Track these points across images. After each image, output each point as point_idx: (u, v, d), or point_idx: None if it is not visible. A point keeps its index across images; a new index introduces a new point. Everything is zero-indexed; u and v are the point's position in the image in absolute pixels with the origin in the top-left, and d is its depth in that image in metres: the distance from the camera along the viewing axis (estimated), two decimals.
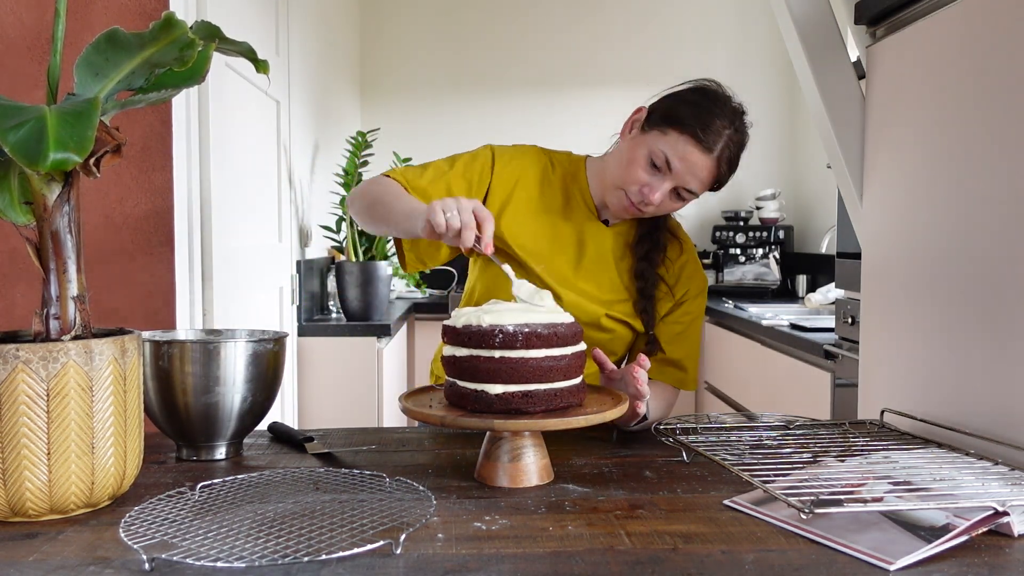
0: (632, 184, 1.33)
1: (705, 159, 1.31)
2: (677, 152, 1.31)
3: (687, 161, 1.31)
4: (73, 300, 0.91)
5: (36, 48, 1.61)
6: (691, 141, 1.30)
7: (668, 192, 1.33)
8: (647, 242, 1.44)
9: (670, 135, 1.31)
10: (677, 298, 1.46)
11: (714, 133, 1.31)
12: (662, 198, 1.33)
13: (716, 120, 1.31)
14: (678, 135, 1.30)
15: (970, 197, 1.11)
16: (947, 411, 1.15)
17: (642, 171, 1.33)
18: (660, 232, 1.45)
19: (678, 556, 0.77)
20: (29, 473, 0.84)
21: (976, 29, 1.11)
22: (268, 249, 2.42)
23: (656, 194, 1.32)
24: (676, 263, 1.46)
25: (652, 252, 1.43)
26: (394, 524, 0.83)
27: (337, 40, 3.77)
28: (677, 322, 1.46)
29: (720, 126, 1.32)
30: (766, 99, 4.44)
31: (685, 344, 1.46)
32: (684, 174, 1.31)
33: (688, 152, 1.30)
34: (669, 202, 1.35)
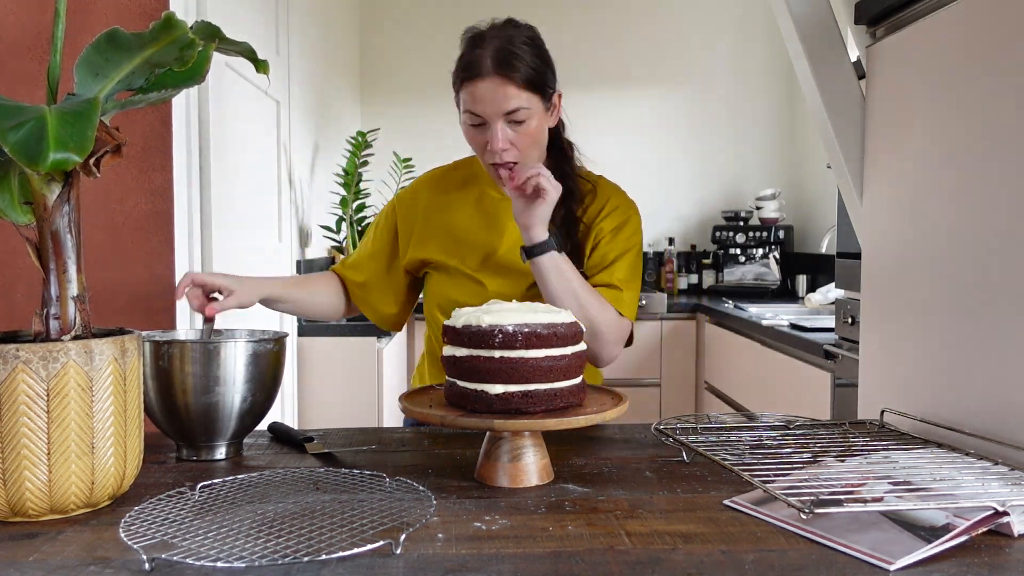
0: (479, 151, 1.39)
1: (489, 82, 1.33)
2: (472, 101, 1.34)
3: (480, 98, 1.33)
4: (73, 300, 0.91)
5: (36, 48, 1.61)
6: (469, 84, 1.34)
7: (503, 131, 1.34)
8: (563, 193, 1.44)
9: (461, 95, 1.37)
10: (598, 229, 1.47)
11: (476, 61, 1.34)
12: (504, 139, 1.34)
13: (473, 51, 1.35)
14: (462, 89, 1.35)
15: (970, 197, 1.11)
16: (947, 411, 1.15)
17: (474, 138, 1.38)
18: (568, 179, 1.46)
19: (678, 556, 0.77)
20: (29, 473, 0.84)
21: (976, 29, 1.11)
22: (268, 249, 2.42)
23: (496, 141, 1.34)
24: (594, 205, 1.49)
25: (567, 198, 1.43)
26: (394, 524, 0.83)
27: (337, 40, 3.77)
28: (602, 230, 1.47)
29: (477, 54, 1.34)
30: (766, 99, 4.44)
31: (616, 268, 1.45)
32: (490, 106, 1.33)
33: (474, 92, 1.33)
34: (516, 136, 1.35)
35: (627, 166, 4.45)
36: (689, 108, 4.45)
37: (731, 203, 4.45)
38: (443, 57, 5.06)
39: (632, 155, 4.38)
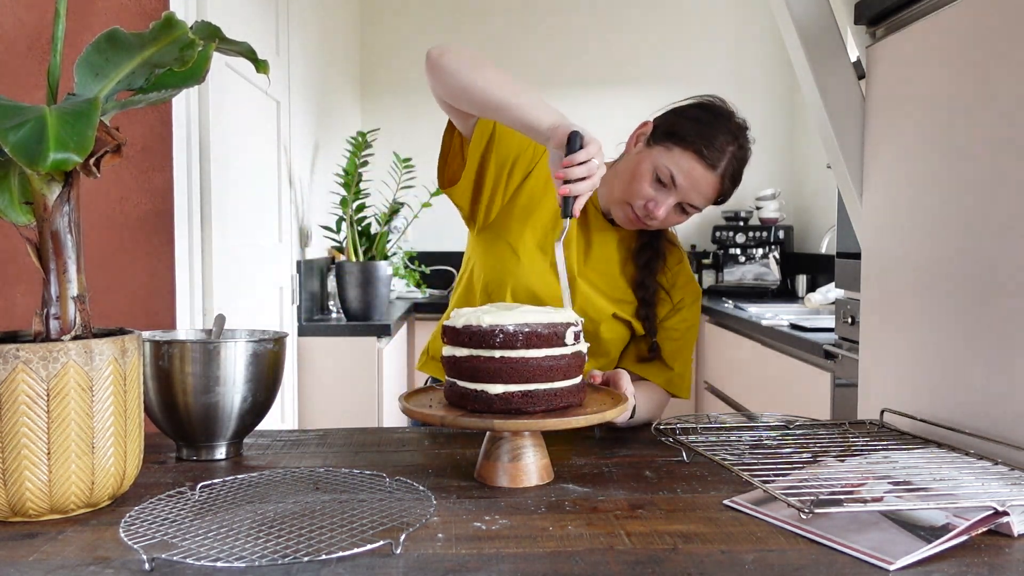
0: (638, 199, 1.35)
1: (709, 175, 1.34)
2: (682, 169, 1.33)
3: (692, 178, 1.33)
4: (73, 300, 0.91)
5: (36, 48, 1.61)
6: (695, 158, 1.32)
7: (672, 207, 1.36)
8: (648, 251, 1.46)
9: (675, 152, 1.33)
10: (675, 303, 1.47)
11: (718, 151, 1.33)
12: (667, 213, 1.35)
13: (720, 137, 1.34)
14: (682, 152, 1.33)
15: (970, 197, 1.11)
16: (947, 411, 1.15)
17: (648, 186, 1.35)
18: (660, 241, 1.47)
19: (678, 556, 0.77)
20: (29, 473, 0.84)
21: (976, 29, 1.11)
22: (268, 249, 2.42)
23: (661, 209, 1.34)
24: (672, 271, 1.49)
25: (652, 261, 1.45)
26: (394, 524, 0.83)
27: (337, 40, 3.77)
28: (675, 329, 1.47)
29: (723, 143, 1.34)
30: (766, 99, 4.44)
31: (681, 353, 1.48)
32: (688, 190, 1.34)
33: (692, 169, 1.33)
34: (673, 216, 1.37)
35: None
36: None
37: (731, 203, 4.44)
38: None
39: None
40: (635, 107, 4.46)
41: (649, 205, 1.34)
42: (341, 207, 3.22)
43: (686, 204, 1.36)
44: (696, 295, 1.50)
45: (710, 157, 1.33)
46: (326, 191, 3.42)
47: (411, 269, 3.94)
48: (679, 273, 1.49)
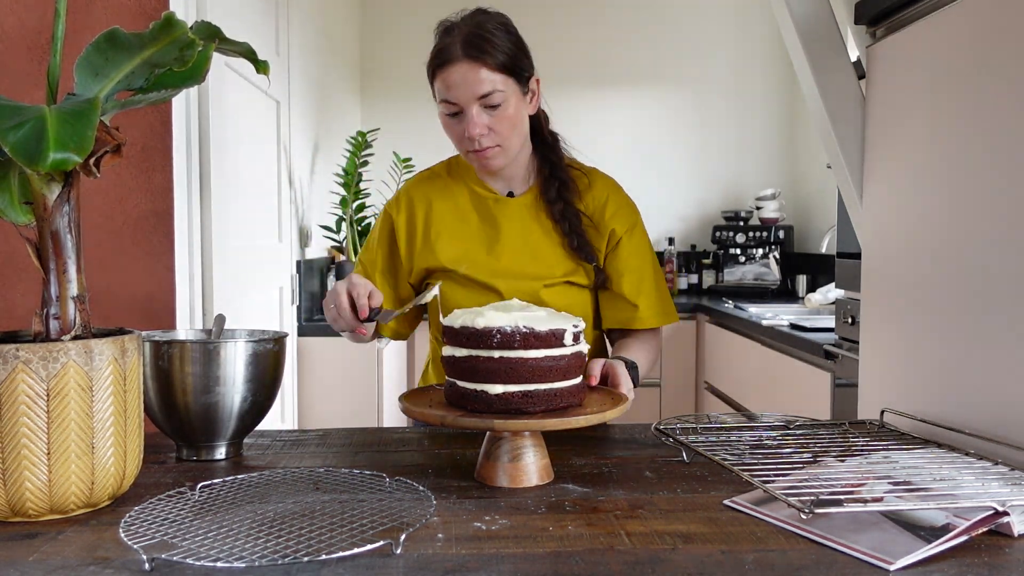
0: (457, 142, 1.38)
1: (460, 66, 1.32)
2: (445, 89, 1.34)
3: (452, 84, 1.32)
4: (73, 300, 0.91)
5: (36, 48, 1.61)
6: (441, 72, 1.33)
7: (479, 116, 1.33)
8: (552, 183, 1.45)
9: (436, 85, 1.36)
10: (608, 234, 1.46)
11: (447, 48, 1.33)
12: (480, 125, 1.33)
13: (442, 40, 1.35)
14: (436, 78, 1.35)
15: (970, 197, 1.11)
16: (947, 411, 1.15)
17: (452, 128, 1.37)
18: (559, 169, 1.46)
19: (678, 556, 0.77)
20: (29, 473, 0.84)
21: (976, 29, 1.11)
22: (268, 249, 2.42)
23: (473, 127, 1.33)
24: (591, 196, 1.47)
25: (561, 189, 1.44)
26: (394, 524, 0.83)
27: (337, 40, 3.77)
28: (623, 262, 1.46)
29: (447, 41, 1.34)
30: (766, 99, 4.44)
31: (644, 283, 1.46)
32: (463, 91, 1.32)
33: (447, 79, 1.33)
34: (493, 120, 1.35)
35: (627, 166, 4.45)
36: (689, 108, 4.45)
37: (731, 203, 4.45)
38: None
39: (632, 155, 4.38)
40: (635, 107, 4.47)
41: (464, 136, 1.35)
42: (341, 207, 3.23)
43: (481, 102, 1.33)
44: (630, 220, 1.48)
45: (445, 57, 1.33)
46: (326, 191, 3.42)
47: None
48: (603, 201, 1.47)
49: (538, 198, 1.46)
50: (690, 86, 4.45)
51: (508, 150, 1.38)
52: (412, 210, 1.48)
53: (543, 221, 1.45)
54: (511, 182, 1.47)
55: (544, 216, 1.45)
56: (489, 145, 1.35)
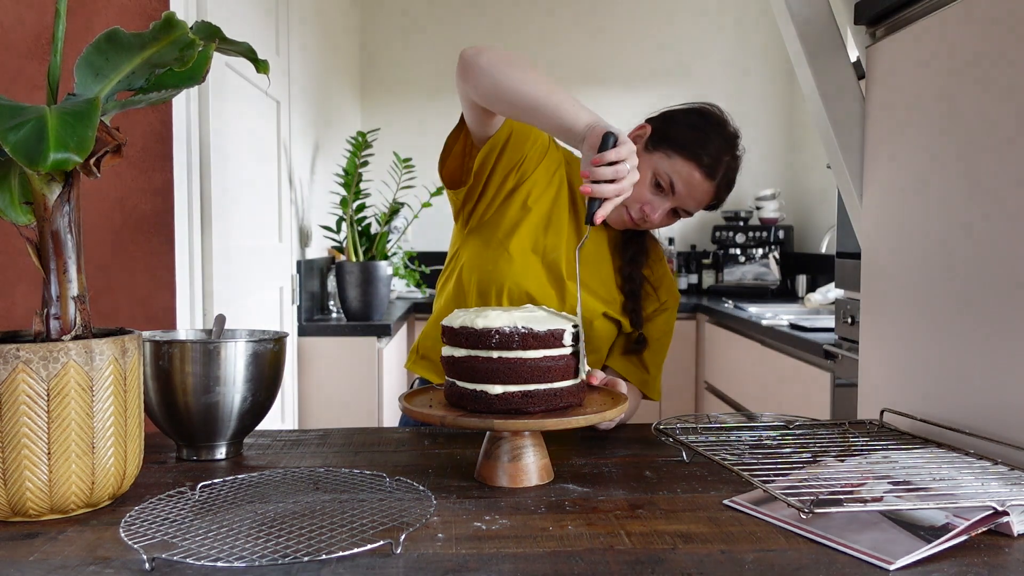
0: (635, 203, 1.38)
1: (706, 184, 1.37)
2: (682, 176, 1.36)
3: (690, 185, 1.37)
4: (73, 300, 0.91)
5: (36, 48, 1.61)
6: (695, 167, 1.36)
7: (667, 212, 1.39)
8: (633, 245, 1.48)
9: (675, 160, 1.37)
10: (661, 302, 1.50)
11: (716, 160, 1.37)
12: (662, 217, 1.39)
13: (718, 147, 1.38)
14: (683, 160, 1.36)
15: (970, 197, 1.11)
16: (947, 411, 1.15)
17: (647, 191, 1.38)
18: (644, 237, 1.50)
19: (678, 556, 0.77)
20: (29, 473, 0.85)
21: (976, 29, 1.11)
22: (268, 249, 2.42)
23: (657, 214, 1.38)
24: (655, 267, 1.51)
25: (638, 255, 1.48)
26: (394, 524, 0.83)
27: (337, 40, 3.77)
28: (657, 330, 1.49)
29: (720, 152, 1.38)
30: (766, 99, 4.44)
31: (657, 356, 1.50)
32: (686, 197, 1.38)
33: (691, 176, 1.36)
34: (666, 220, 1.41)
35: None
36: None
37: (731, 203, 4.44)
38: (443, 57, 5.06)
39: None
40: (635, 107, 4.46)
41: (646, 209, 1.37)
42: (341, 207, 3.23)
43: (681, 209, 1.40)
44: (676, 299, 1.53)
45: (709, 166, 1.36)
46: (326, 191, 3.42)
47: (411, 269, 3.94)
48: (662, 274, 1.52)
49: (616, 246, 1.48)
50: (690, 86, 4.45)
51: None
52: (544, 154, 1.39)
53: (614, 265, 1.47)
54: None
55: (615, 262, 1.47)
56: (641, 228, 1.41)
